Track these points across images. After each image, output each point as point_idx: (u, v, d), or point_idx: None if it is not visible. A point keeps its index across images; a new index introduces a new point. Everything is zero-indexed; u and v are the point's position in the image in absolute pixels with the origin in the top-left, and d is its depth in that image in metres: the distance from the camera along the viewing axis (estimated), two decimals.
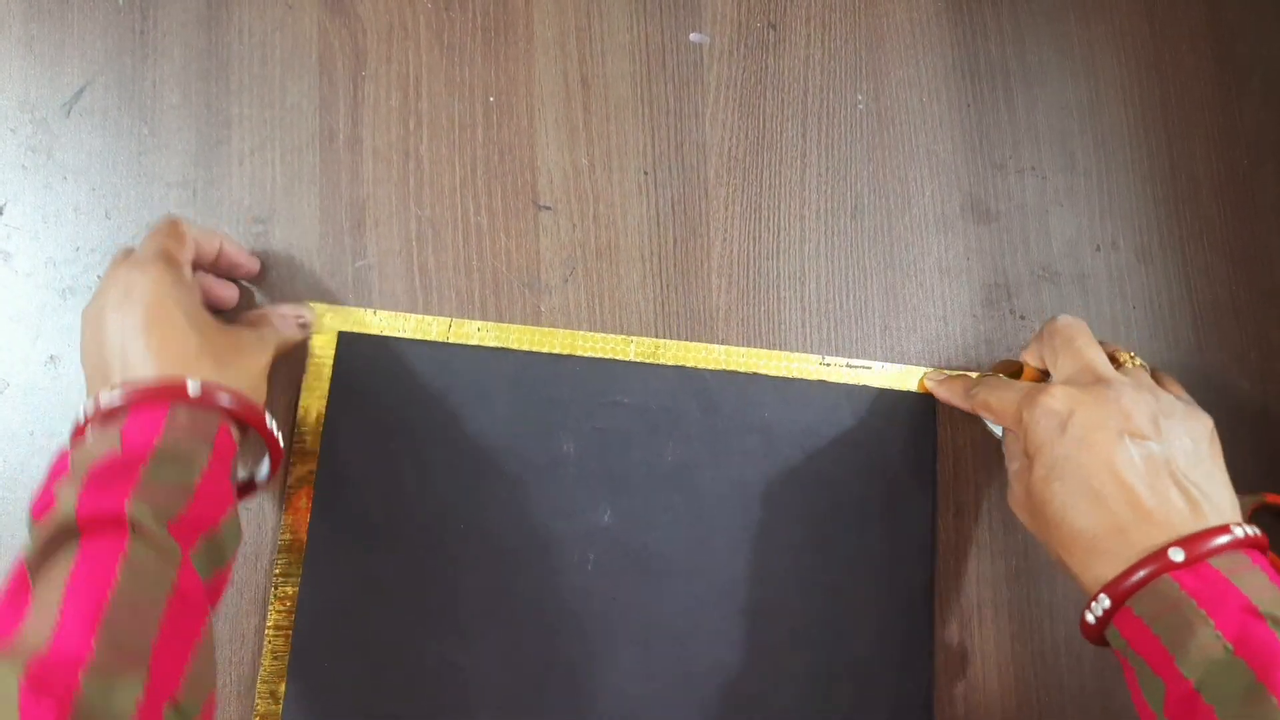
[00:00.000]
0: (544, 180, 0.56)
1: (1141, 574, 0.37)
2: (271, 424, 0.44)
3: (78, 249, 0.53)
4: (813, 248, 0.57)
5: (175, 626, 0.35)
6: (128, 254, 0.45)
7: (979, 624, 0.54)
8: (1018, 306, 0.58)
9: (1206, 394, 0.57)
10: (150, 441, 0.38)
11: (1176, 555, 0.37)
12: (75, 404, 0.52)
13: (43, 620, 0.33)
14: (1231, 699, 0.33)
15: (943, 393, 0.53)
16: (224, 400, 0.41)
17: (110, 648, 0.32)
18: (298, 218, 0.54)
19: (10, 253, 0.53)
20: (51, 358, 0.52)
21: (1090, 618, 0.40)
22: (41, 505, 0.37)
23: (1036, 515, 0.42)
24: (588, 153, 0.56)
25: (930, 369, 0.55)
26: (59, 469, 0.39)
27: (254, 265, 0.52)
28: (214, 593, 0.39)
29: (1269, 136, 0.61)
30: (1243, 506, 0.54)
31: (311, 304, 0.52)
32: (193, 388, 0.40)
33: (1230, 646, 0.34)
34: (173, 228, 0.46)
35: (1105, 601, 0.38)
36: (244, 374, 0.44)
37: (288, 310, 0.50)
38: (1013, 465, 0.46)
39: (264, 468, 0.47)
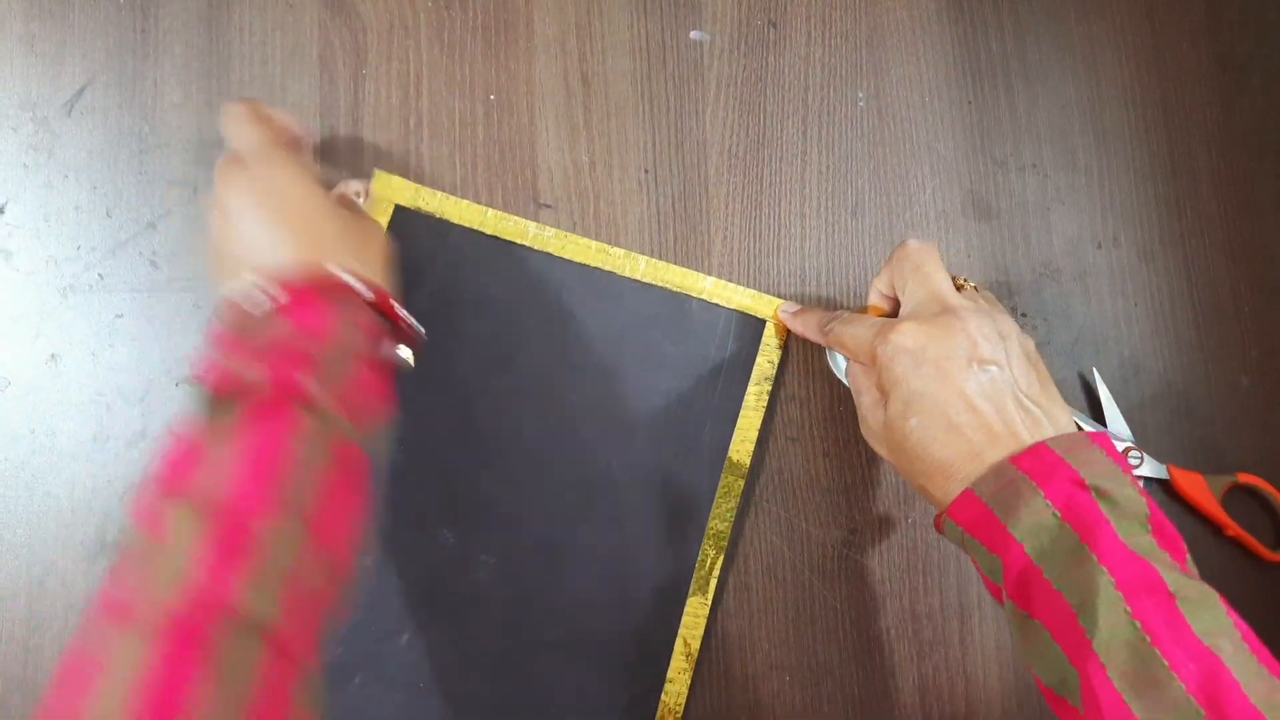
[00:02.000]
0: (544, 178, 0.56)
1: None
2: (403, 311, 0.45)
3: (79, 247, 0.53)
4: (813, 245, 0.57)
5: (332, 492, 0.37)
6: (234, 157, 0.45)
7: (978, 620, 0.54)
8: (1019, 304, 0.58)
9: (1207, 391, 0.58)
10: (325, 329, 0.40)
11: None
12: (76, 402, 0.52)
13: (218, 473, 0.35)
14: (1058, 560, 0.36)
15: (797, 325, 0.52)
16: (366, 293, 0.43)
17: (282, 506, 0.35)
18: None
19: (11, 251, 0.53)
20: (52, 356, 0.52)
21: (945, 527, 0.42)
22: (212, 372, 0.38)
23: (896, 448, 0.43)
24: (588, 151, 0.56)
25: (784, 302, 0.54)
26: (223, 342, 0.40)
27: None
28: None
29: (1269, 135, 0.61)
30: (1218, 485, 0.55)
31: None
32: (348, 279, 0.42)
33: (1058, 513, 0.36)
34: (254, 110, 0.47)
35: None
36: (371, 263, 0.45)
37: (358, 186, 0.52)
38: (864, 398, 0.46)
39: (401, 352, 0.48)
